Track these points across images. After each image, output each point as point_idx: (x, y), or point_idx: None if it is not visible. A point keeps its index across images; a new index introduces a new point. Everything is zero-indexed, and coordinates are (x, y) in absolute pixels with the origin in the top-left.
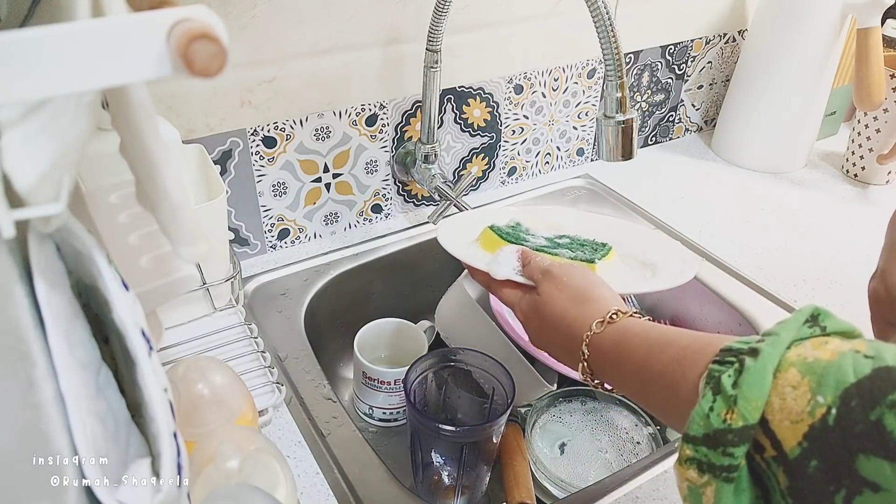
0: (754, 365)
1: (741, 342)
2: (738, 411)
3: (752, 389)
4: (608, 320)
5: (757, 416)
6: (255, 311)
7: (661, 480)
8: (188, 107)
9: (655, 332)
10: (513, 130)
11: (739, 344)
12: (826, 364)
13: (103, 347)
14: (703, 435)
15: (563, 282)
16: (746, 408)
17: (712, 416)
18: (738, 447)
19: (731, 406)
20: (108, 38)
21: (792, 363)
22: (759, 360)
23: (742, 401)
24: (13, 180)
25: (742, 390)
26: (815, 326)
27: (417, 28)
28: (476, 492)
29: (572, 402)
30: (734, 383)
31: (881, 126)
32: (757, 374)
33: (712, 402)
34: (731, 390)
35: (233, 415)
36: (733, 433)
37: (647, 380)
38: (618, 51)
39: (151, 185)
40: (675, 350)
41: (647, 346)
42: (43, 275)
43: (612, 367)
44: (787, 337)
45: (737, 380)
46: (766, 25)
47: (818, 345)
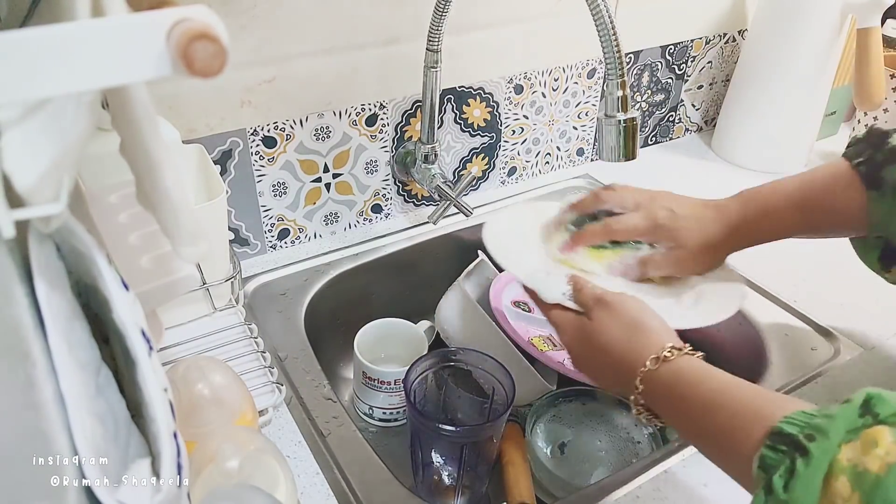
0: (804, 471)
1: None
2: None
3: (802, 496)
4: (663, 357)
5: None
6: (255, 311)
7: (661, 480)
8: (188, 107)
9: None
10: (513, 130)
11: (790, 427)
12: (874, 481)
13: (103, 347)
14: None
15: (617, 311)
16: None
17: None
18: None
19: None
20: (108, 38)
21: (842, 470)
22: (809, 465)
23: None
24: (13, 180)
25: (792, 496)
26: (867, 414)
27: (417, 28)
28: (476, 492)
29: (572, 402)
30: (785, 486)
31: (881, 126)
32: (807, 481)
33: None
34: (783, 494)
35: (233, 415)
36: None
37: (697, 435)
38: (618, 49)
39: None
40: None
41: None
42: (43, 275)
43: (664, 407)
44: (837, 437)
45: (787, 482)
46: (766, 25)
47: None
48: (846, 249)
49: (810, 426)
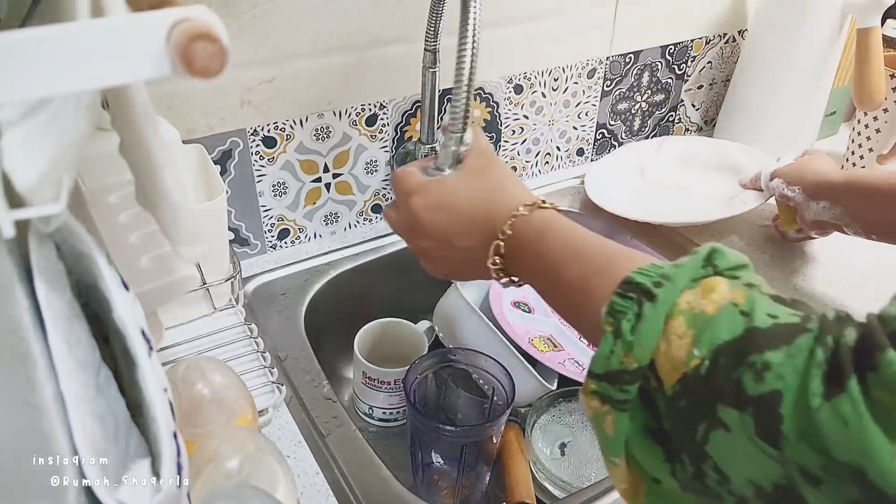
0: (650, 312)
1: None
2: (634, 355)
3: (646, 337)
4: (539, 204)
5: (648, 359)
6: (255, 311)
7: None
8: (188, 107)
9: (577, 235)
10: (513, 130)
11: (640, 276)
12: (707, 319)
13: (103, 347)
14: (604, 373)
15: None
16: (641, 353)
17: (612, 358)
18: (632, 385)
19: (629, 350)
20: (108, 38)
21: (681, 311)
22: (655, 306)
23: (637, 347)
24: (13, 180)
25: (638, 337)
26: (708, 266)
27: (417, 28)
28: (476, 492)
29: (572, 402)
30: (632, 329)
31: (881, 126)
32: (651, 322)
33: (612, 345)
34: (630, 336)
35: (233, 415)
36: (629, 373)
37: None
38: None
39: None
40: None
41: (564, 249)
42: (43, 275)
43: (527, 258)
44: (682, 282)
45: (635, 325)
46: (766, 25)
47: (706, 292)
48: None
49: (659, 275)
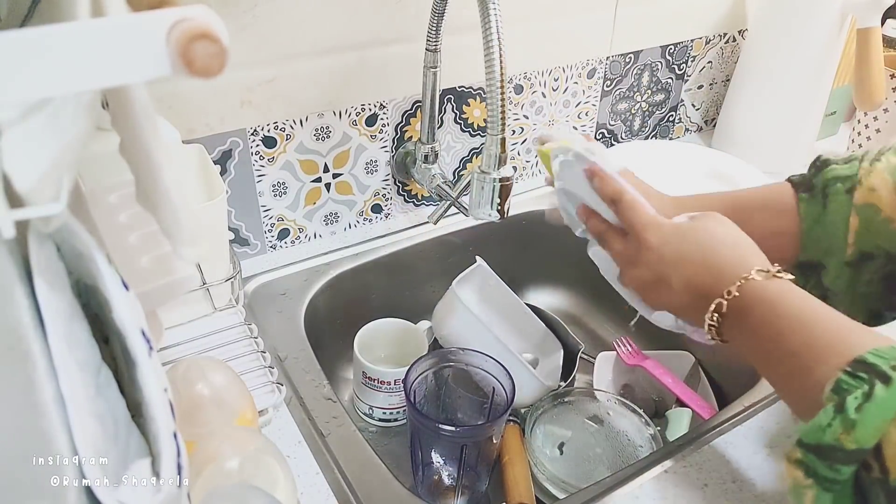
0: (884, 396)
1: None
2: (854, 436)
3: (874, 419)
4: (774, 273)
5: (872, 443)
6: (255, 311)
7: (661, 480)
8: (188, 107)
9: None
10: (513, 130)
11: (875, 358)
12: None
13: (103, 347)
14: (815, 444)
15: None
16: (863, 434)
17: (828, 431)
18: (846, 465)
19: (849, 430)
20: (108, 38)
21: None
22: (889, 391)
23: (861, 427)
24: (13, 180)
25: (864, 417)
26: None
27: (417, 28)
28: (476, 492)
29: (572, 402)
30: (858, 407)
31: (881, 126)
32: (883, 406)
33: (832, 419)
34: (854, 414)
35: (233, 415)
36: (844, 453)
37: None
38: (503, 106)
39: (151, 185)
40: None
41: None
42: (43, 275)
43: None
44: None
45: (862, 404)
46: (766, 25)
47: None
48: None
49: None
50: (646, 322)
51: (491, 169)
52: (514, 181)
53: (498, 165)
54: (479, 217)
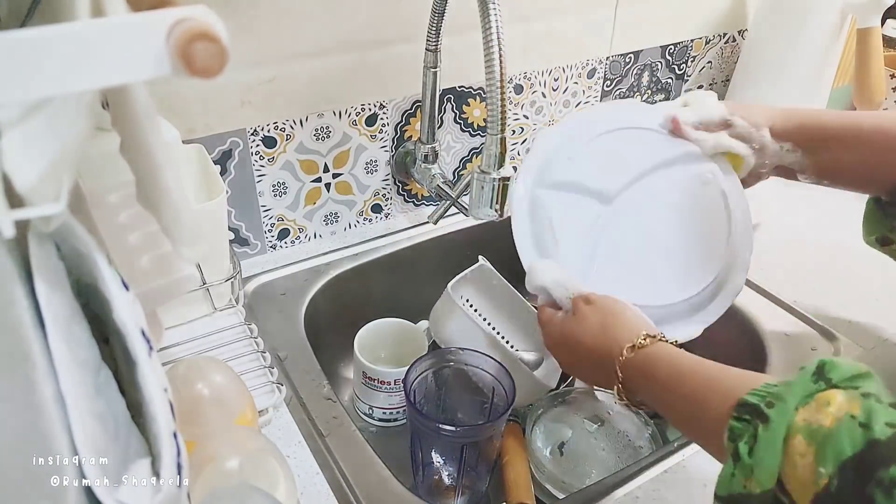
0: (764, 434)
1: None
2: (756, 479)
3: (765, 459)
4: (638, 345)
5: (773, 483)
6: (255, 311)
7: (661, 480)
8: (188, 107)
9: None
10: (513, 130)
11: (753, 398)
12: (826, 433)
13: (103, 347)
14: (727, 495)
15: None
16: (763, 476)
17: (734, 482)
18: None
19: (749, 475)
20: (108, 38)
21: (798, 430)
22: (769, 429)
23: (758, 469)
24: (13, 180)
25: (756, 459)
26: (820, 380)
27: (417, 28)
28: (476, 492)
29: (572, 402)
30: (749, 451)
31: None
32: (768, 445)
33: (733, 469)
34: (748, 459)
35: (233, 415)
36: (754, 497)
37: (673, 413)
38: (503, 106)
39: (152, 185)
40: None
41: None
42: (43, 275)
43: (643, 392)
44: (794, 401)
45: (752, 448)
46: (766, 25)
47: (821, 406)
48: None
49: (770, 394)
50: None
51: (491, 169)
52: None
53: (498, 165)
54: (479, 217)
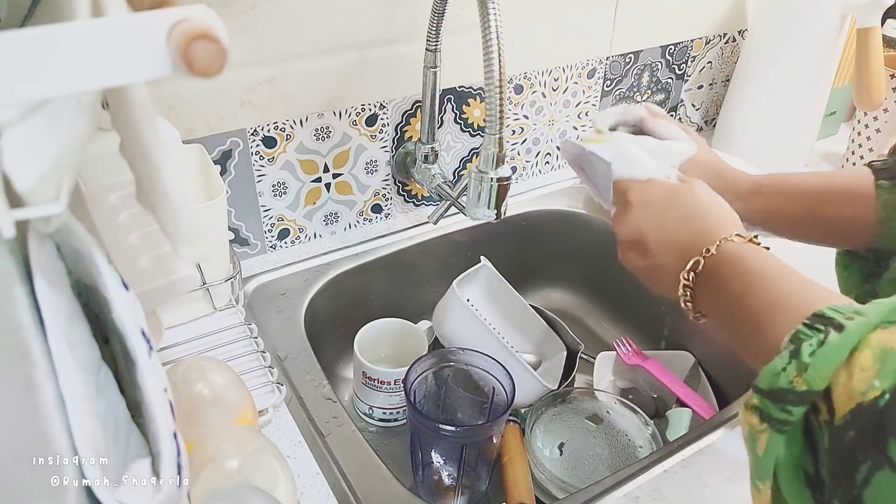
0: (836, 340)
1: (836, 310)
2: (806, 378)
3: (825, 362)
4: (752, 239)
5: (822, 386)
6: (255, 311)
7: (661, 480)
8: (188, 107)
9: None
10: (513, 130)
11: (833, 312)
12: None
13: (103, 347)
14: (768, 389)
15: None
16: (814, 376)
17: (782, 375)
18: (796, 406)
19: (801, 372)
20: (108, 38)
21: (870, 346)
22: (842, 336)
23: (812, 370)
24: (13, 180)
25: (816, 360)
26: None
27: (417, 28)
28: (476, 492)
29: (572, 402)
30: (812, 352)
31: (881, 126)
32: (834, 350)
33: (787, 363)
34: (807, 358)
35: (233, 415)
36: (795, 395)
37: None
38: (502, 106)
39: (151, 185)
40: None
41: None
42: (43, 275)
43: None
44: (876, 319)
45: (816, 349)
46: (766, 25)
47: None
48: None
49: (854, 311)
50: (646, 322)
51: (489, 168)
52: (513, 181)
53: (496, 165)
54: (476, 217)
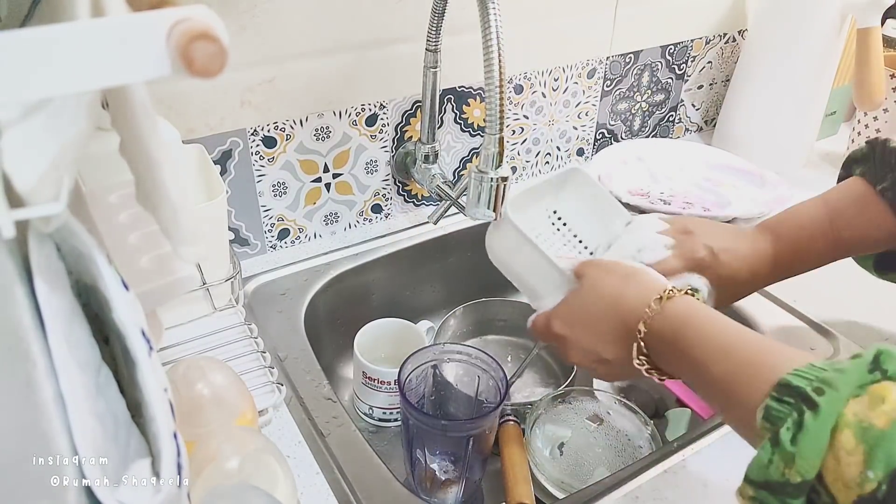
0: (813, 423)
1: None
2: (797, 469)
3: (810, 450)
4: (667, 296)
5: (814, 474)
6: (255, 311)
7: (661, 480)
8: (188, 107)
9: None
10: (513, 130)
11: (798, 380)
12: (878, 435)
13: (103, 347)
14: (762, 482)
15: (609, 266)
16: (804, 466)
17: (771, 468)
18: (796, 499)
19: (790, 464)
20: (108, 38)
21: (848, 425)
22: (817, 418)
23: (800, 459)
24: (13, 180)
25: (800, 448)
26: (876, 370)
27: (417, 28)
28: (471, 485)
29: (572, 402)
30: (792, 439)
31: (881, 126)
32: (815, 435)
33: (771, 455)
34: (790, 447)
35: (233, 415)
36: (792, 486)
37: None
38: (502, 105)
39: (151, 185)
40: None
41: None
42: (43, 275)
43: (668, 353)
44: (847, 390)
45: (795, 435)
46: (766, 25)
47: (875, 402)
48: None
49: (819, 379)
50: None
51: (489, 168)
52: (512, 181)
53: (496, 165)
54: (476, 217)
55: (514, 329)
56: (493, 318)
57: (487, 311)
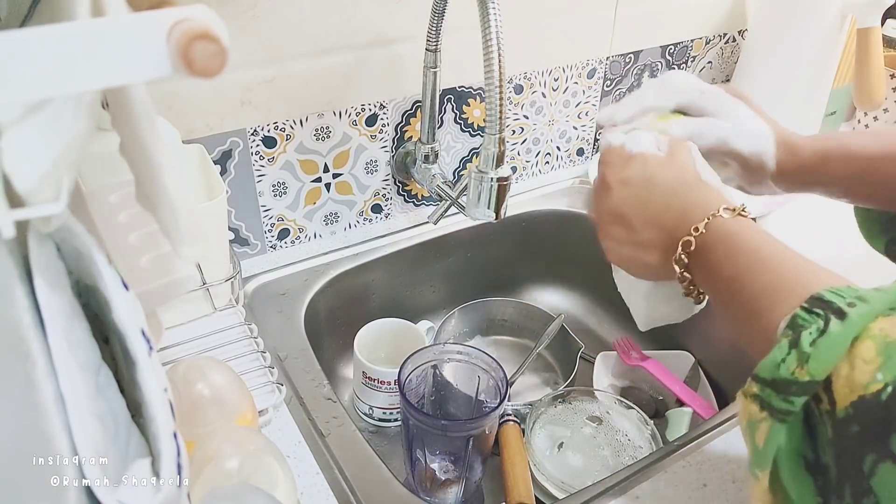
0: (838, 330)
1: (835, 292)
2: (808, 369)
3: (827, 353)
4: (740, 211)
5: (825, 376)
6: (255, 311)
7: (661, 480)
8: (188, 107)
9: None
10: (513, 130)
11: (832, 295)
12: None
13: (103, 347)
14: (770, 379)
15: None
16: (816, 368)
17: (782, 366)
18: (798, 397)
19: (803, 363)
20: (108, 38)
21: (872, 336)
22: (844, 325)
23: (814, 360)
24: (13, 180)
25: (818, 351)
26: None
27: (417, 28)
28: (470, 485)
29: (572, 402)
30: (812, 342)
31: (881, 126)
32: (836, 340)
33: (786, 354)
34: (808, 348)
35: (233, 415)
36: (798, 385)
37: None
38: (502, 105)
39: (151, 185)
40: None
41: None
42: (43, 275)
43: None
44: (879, 306)
45: (816, 339)
46: (766, 25)
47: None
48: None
49: (855, 296)
50: None
51: (489, 168)
52: (512, 181)
53: (496, 165)
54: (476, 217)
55: (514, 329)
56: (493, 318)
57: (487, 311)
